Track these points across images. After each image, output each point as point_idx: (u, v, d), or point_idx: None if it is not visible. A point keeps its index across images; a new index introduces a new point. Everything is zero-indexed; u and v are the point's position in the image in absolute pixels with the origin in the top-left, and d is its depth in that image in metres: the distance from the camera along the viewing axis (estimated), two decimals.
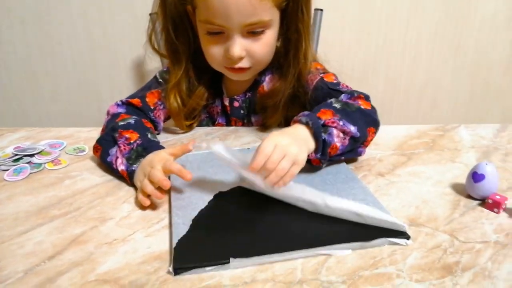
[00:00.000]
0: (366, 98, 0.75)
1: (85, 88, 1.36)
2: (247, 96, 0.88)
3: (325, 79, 0.81)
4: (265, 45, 0.77)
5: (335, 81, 0.82)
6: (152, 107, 0.83)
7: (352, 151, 0.71)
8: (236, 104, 0.89)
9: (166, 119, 0.89)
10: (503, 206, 0.58)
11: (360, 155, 0.73)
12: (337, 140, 0.65)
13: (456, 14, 1.32)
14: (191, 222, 0.54)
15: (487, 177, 0.59)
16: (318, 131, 0.62)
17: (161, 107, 0.85)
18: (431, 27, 1.33)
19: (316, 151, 0.63)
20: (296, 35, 0.78)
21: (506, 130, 0.86)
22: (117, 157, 0.68)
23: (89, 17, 1.27)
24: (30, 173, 0.69)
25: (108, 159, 0.69)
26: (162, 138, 0.82)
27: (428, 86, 1.42)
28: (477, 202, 0.60)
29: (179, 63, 0.83)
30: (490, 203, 0.58)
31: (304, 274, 0.47)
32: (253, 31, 0.74)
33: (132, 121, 0.74)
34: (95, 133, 0.85)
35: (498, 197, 0.58)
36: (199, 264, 0.47)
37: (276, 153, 0.54)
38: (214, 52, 0.77)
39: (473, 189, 0.60)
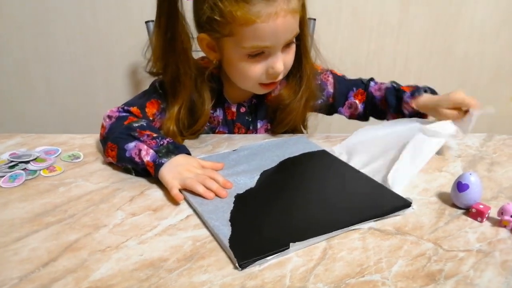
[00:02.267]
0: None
1: (81, 93, 1.38)
2: (252, 102, 0.91)
3: (336, 74, 0.95)
4: (292, 55, 0.82)
5: (342, 74, 0.96)
6: (151, 118, 0.83)
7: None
8: (242, 109, 0.91)
9: None
10: (486, 215, 0.60)
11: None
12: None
13: (445, 22, 1.35)
14: (229, 223, 0.58)
15: (471, 187, 0.61)
16: (434, 92, 0.89)
17: (159, 118, 0.85)
18: (421, 34, 1.36)
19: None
20: (299, 41, 0.82)
21: (492, 140, 0.88)
22: (139, 150, 0.70)
23: (85, 23, 1.28)
24: (26, 179, 0.70)
25: (127, 154, 0.70)
26: None
27: None
28: (462, 211, 0.62)
29: (181, 94, 0.82)
30: (473, 212, 0.60)
31: (293, 281, 0.48)
32: (287, 44, 0.78)
33: (144, 123, 0.76)
34: (90, 139, 0.86)
35: (481, 206, 0.60)
36: (262, 255, 0.51)
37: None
38: (254, 72, 0.78)
39: (457, 198, 0.62)
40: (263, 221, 0.59)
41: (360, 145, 0.81)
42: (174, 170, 0.67)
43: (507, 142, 0.87)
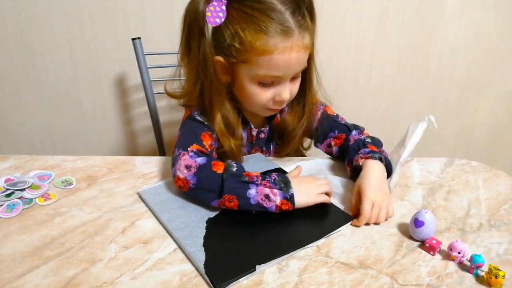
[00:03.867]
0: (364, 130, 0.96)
1: (67, 100, 1.41)
2: (267, 127, 0.98)
3: (328, 112, 0.97)
4: (298, 85, 0.89)
5: (334, 114, 0.98)
6: (209, 150, 0.84)
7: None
8: (262, 135, 0.98)
9: None
10: (438, 249, 0.68)
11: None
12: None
13: (418, 40, 1.42)
14: (203, 248, 0.66)
15: (426, 223, 0.69)
16: (389, 165, 0.84)
17: (215, 147, 0.88)
18: (395, 51, 1.43)
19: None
20: (306, 74, 0.90)
21: (452, 165, 0.96)
22: (265, 195, 0.74)
23: (71, 35, 1.31)
24: (23, 209, 0.75)
25: (253, 201, 0.74)
26: (144, 168, 0.89)
27: (392, 106, 1.53)
28: (417, 243, 0.71)
29: (216, 107, 0.86)
30: (427, 246, 0.69)
31: None
32: (295, 75, 0.85)
33: (234, 163, 0.79)
34: (80, 162, 0.92)
35: (434, 241, 0.68)
36: (234, 277, 0.61)
37: (374, 212, 0.75)
38: (263, 97, 0.85)
39: (414, 233, 0.71)
40: (233, 245, 0.68)
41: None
42: (303, 191, 0.77)
43: (465, 167, 0.96)
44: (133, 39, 1.17)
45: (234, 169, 0.77)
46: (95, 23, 1.30)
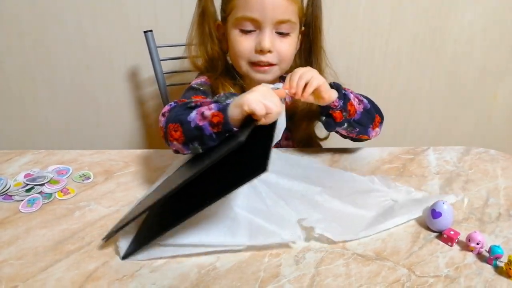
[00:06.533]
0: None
1: (82, 94, 1.42)
2: None
3: None
4: (289, 46, 0.89)
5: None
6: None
7: (364, 127, 0.86)
8: None
9: None
10: (456, 240, 0.68)
11: (369, 136, 0.89)
12: (354, 102, 0.84)
13: (434, 25, 1.39)
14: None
15: (443, 214, 0.69)
16: (339, 86, 0.82)
17: None
18: (410, 37, 1.41)
19: (338, 98, 0.81)
20: (313, 52, 0.93)
21: (469, 154, 0.95)
22: (202, 113, 0.66)
23: (83, 30, 1.31)
24: (43, 203, 0.77)
25: (192, 124, 0.66)
26: (159, 161, 0.90)
27: (407, 92, 1.51)
28: (435, 234, 0.70)
29: (216, 73, 0.94)
30: (445, 237, 0.68)
31: None
32: (281, 32, 0.86)
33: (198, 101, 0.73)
34: (97, 156, 0.93)
35: (452, 232, 0.68)
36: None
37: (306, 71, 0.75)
38: (244, 48, 0.88)
39: (431, 224, 0.70)
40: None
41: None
42: (242, 99, 0.63)
43: (483, 156, 0.94)
44: (145, 32, 1.17)
45: (190, 101, 0.73)
46: (107, 17, 1.30)
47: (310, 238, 0.68)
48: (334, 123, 0.84)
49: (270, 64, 0.89)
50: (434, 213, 0.69)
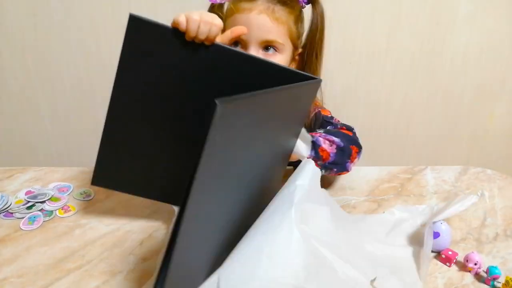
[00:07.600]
0: (348, 128, 0.90)
1: (83, 112, 1.43)
2: None
3: (322, 113, 0.95)
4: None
5: (329, 115, 0.95)
6: None
7: (342, 165, 0.83)
8: None
9: None
10: (454, 261, 0.68)
11: (348, 170, 0.85)
12: (325, 146, 0.81)
13: (431, 46, 1.42)
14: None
15: (441, 235, 0.69)
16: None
17: None
18: (407, 57, 1.43)
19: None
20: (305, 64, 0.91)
21: (467, 174, 0.96)
22: None
23: (86, 48, 1.33)
24: (43, 221, 0.77)
25: None
26: None
27: (404, 112, 1.53)
28: (433, 254, 0.71)
29: None
30: (443, 257, 0.69)
31: None
32: (266, 49, 0.85)
33: None
34: None
35: (450, 252, 0.68)
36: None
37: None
38: None
39: None
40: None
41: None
42: None
43: (480, 176, 0.96)
44: None
45: None
46: (109, 36, 1.32)
47: None
48: None
49: None
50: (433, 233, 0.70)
